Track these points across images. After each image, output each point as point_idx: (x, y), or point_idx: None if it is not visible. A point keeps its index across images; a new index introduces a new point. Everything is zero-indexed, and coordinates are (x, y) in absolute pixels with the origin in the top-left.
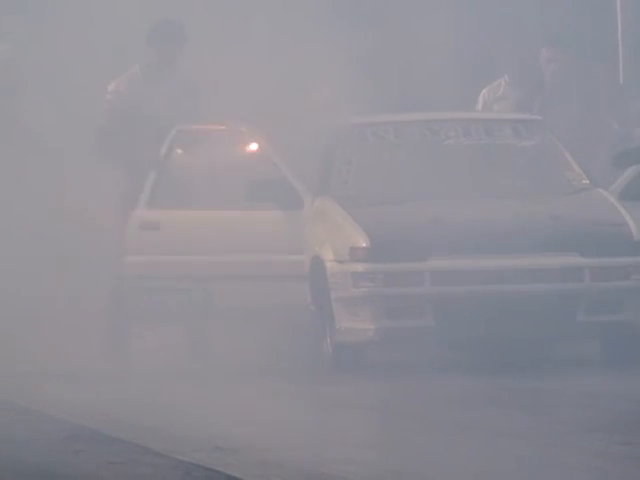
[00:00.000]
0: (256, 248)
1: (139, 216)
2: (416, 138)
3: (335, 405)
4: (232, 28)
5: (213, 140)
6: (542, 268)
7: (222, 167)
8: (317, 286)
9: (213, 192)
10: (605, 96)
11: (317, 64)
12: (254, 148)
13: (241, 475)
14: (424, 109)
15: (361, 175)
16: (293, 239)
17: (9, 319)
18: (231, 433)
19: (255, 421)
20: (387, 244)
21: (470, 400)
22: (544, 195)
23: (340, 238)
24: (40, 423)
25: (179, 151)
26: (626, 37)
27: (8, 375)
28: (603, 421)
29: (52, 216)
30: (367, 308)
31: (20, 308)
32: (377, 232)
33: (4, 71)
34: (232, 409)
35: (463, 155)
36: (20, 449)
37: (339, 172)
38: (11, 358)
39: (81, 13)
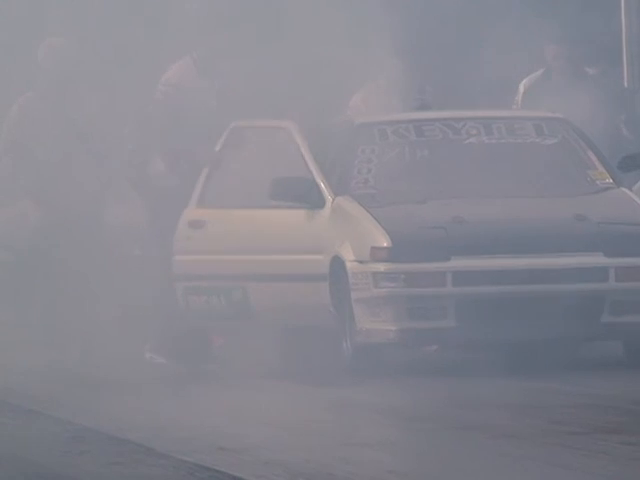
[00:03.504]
0: (284, 248)
1: (188, 215)
2: (437, 137)
3: (345, 406)
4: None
5: (262, 138)
6: (566, 268)
7: (267, 166)
8: (337, 287)
9: (255, 191)
10: (613, 98)
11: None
12: (292, 146)
13: (245, 475)
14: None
15: (382, 174)
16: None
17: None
18: (235, 434)
19: (261, 422)
20: (408, 244)
21: (481, 402)
22: (567, 194)
23: (361, 238)
24: (44, 424)
25: (233, 148)
26: (631, 39)
27: (12, 376)
28: (615, 422)
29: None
30: (388, 309)
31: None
32: (398, 232)
33: (55, 65)
34: (238, 410)
35: (485, 154)
36: (24, 449)
37: (359, 171)
38: (15, 359)
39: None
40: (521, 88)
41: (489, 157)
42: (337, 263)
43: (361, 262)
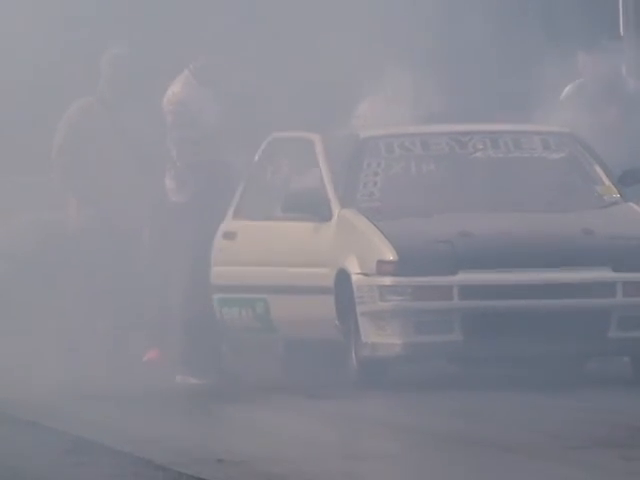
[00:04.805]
0: (305, 260)
1: (224, 226)
2: (443, 150)
3: (348, 419)
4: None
5: (292, 149)
6: (573, 283)
7: (292, 177)
8: (342, 300)
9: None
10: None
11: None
12: (314, 158)
13: None
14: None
15: (388, 187)
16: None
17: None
18: (235, 446)
19: (261, 434)
20: (415, 257)
21: (483, 416)
22: (575, 209)
23: (367, 251)
24: (42, 435)
25: (268, 159)
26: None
27: (10, 387)
28: (614, 437)
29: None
30: (394, 322)
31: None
32: (405, 245)
33: (114, 76)
34: (239, 422)
35: (491, 168)
36: (22, 461)
37: (365, 184)
38: (14, 370)
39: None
40: (564, 93)
41: (496, 171)
42: (343, 276)
43: (367, 275)
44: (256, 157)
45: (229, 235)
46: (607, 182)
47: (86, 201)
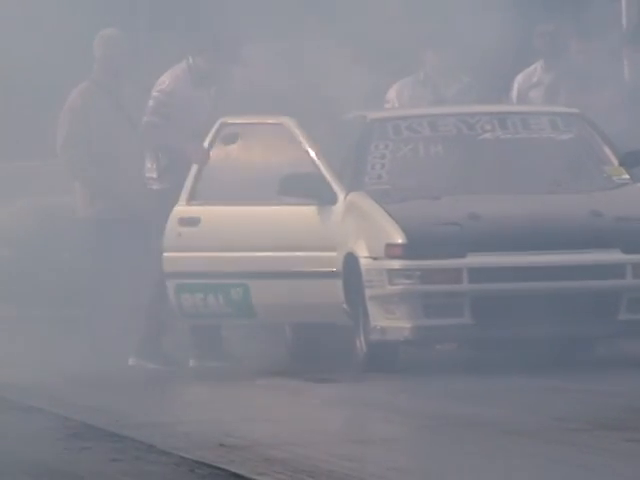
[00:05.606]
0: (295, 244)
1: (179, 212)
2: (451, 132)
3: (353, 403)
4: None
5: (253, 134)
6: (582, 265)
7: (261, 162)
8: (351, 284)
9: (252, 187)
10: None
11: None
12: (292, 142)
13: (245, 472)
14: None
15: (396, 170)
16: (329, 235)
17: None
18: (237, 430)
19: (264, 419)
20: (424, 240)
21: (488, 399)
22: (583, 190)
23: (375, 234)
24: (45, 421)
25: (221, 145)
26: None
27: (12, 373)
28: (618, 419)
29: None
30: (403, 306)
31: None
32: (413, 228)
33: (106, 56)
34: (242, 407)
35: (500, 149)
36: (25, 446)
37: (373, 166)
38: (15, 355)
39: None
40: (515, 85)
41: (504, 152)
42: (351, 260)
43: (375, 259)
44: (206, 143)
45: (189, 221)
46: (616, 163)
47: (97, 192)
